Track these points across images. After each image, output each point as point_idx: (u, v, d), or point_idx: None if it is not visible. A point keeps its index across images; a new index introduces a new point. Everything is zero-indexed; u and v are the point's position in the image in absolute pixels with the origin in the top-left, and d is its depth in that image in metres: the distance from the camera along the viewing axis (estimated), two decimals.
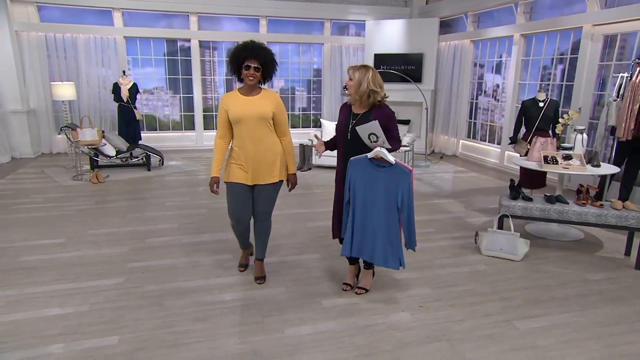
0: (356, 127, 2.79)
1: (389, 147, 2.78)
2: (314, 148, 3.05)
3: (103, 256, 3.73)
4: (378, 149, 2.76)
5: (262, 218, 3.19)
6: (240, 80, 3.02)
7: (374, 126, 2.72)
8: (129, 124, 7.64)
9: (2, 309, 2.86)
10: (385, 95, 2.91)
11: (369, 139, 2.76)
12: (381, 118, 2.83)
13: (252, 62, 2.90)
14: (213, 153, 3.13)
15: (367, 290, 3.17)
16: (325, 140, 3.21)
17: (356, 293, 3.16)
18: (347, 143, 2.93)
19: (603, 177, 4.79)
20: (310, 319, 2.83)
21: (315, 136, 3.28)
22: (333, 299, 3.09)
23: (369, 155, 2.80)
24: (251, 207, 3.15)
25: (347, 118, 2.95)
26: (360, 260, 3.23)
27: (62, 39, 8.17)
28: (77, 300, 2.99)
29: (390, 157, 2.78)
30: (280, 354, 2.48)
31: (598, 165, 4.22)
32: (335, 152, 3.16)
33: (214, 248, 3.94)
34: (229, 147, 3.14)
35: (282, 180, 3.18)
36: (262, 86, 3.10)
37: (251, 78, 2.93)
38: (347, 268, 3.32)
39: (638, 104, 4.24)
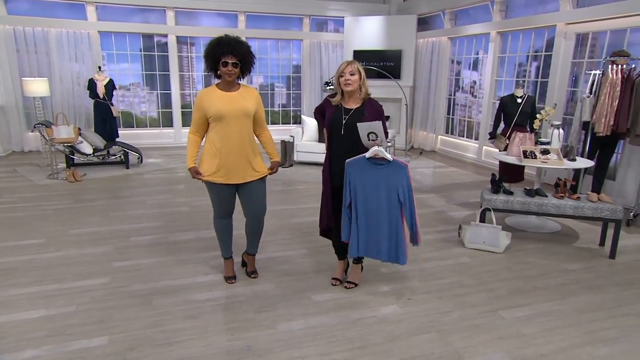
0: (357, 124, 2.80)
1: (387, 145, 2.81)
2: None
3: (86, 256, 3.65)
4: (376, 147, 2.78)
5: (257, 218, 3.18)
6: (218, 77, 2.94)
7: (376, 126, 2.74)
8: (106, 121, 7.45)
9: None
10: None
11: (368, 137, 2.78)
12: (374, 113, 2.88)
13: (229, 58, 2.82)
14: (187, 145, 3.03)
15: (356, 285, 3.21)
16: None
17: (345, 287, 3.19)
18: (340, 138, 2.94)
19: (577, 171, 4.97)
20: (301, 314, 2.85)
21: None
22: (323, 293, 3.11)
23: (367, 154, 2.82)
24: (235, 199, 3.13)
25: (337, 114, 2.96)
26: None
27: (33, 33, 7.89)
28: (63, 301, 2.92)
29: (388, 155, 2.81)
30: (273, 349, 2.49)
31: (574, 160, 4.38)
32: (315, 149, 3.18)
33: (200, 246, 3.91)
34: (202, 144, 3.06)
35: (266, 176, 3.16)
36: (240, 82, 3.03)
37: (230, 75, 2.86)
38: (336, 263, 3.35)
39: (617, 100, 4.40)
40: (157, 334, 2.60)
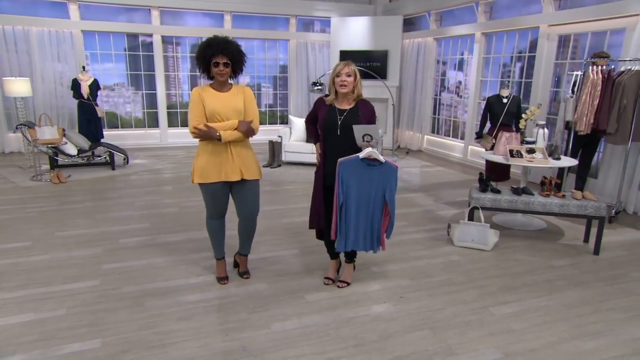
0: (353, 126, 2.82)
1: (381, 149, 2.84)
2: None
3: (74, 258, 3.59)
4: (370, 149, 2.81)
5: (250, 218, 3.18)
6: (210, 78, 2.96)
7: (372, 128, 2.76)
8: (90, 122, 7.34)
9: None
10: None
11: (363, 138, 2.81)
12: (368, 113, 2.91)
13: (220, 59, 2.84)
14: (201, 134, 2.87)
15: (348, 284, 3.23)
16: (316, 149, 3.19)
17: (338, 287, 3.21)
18: (336, 139, 2.95)
19: (561, 169, 5.08)
20: (295, 313, 2.86)
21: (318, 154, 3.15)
22: (316, 293, 3.13)
23: (361, 155, 2.84)
24: (228, 200, 3.13)
25: (331, 114, 2.97)
26: (342, 254, 3.29)
27: (13, 32, 7.72)
28: (52, 305, 2.87)
29: (380, 157, 2.85)
30: (268, 349, 2.49)
31: (558, 158, 4.47)
32: (302, 149, 3.22)
33: (190, 247, 3.88)
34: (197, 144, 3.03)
35: (259, 180, 3.16)
36: (232, 82, 3.04)
37: (222, 75, 2.88)
38: (328, 262, 3.36)
39: (597, 100, 4.52)
40: (150, 335, 2.58)
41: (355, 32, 9.14)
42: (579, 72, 4.93)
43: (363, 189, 2.92)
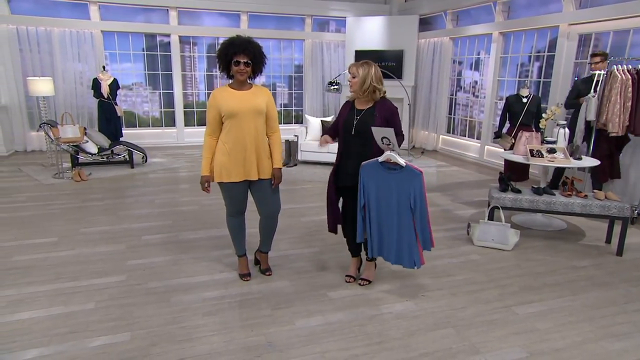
0: (372, 128, 2.82)
1: (399, 151, 2.82)
2: (319, 142, 3.03)
3: (100, 254, 3.67)
4: (389, 152, 2.81)
5: (271, 216, 3.21)
6: (230, 76, 3.01)
7: (388, 132, 2.76)
8: (110, 121, 7.47)
9: (5, 309, 2.79)
10: (384, 90, 2.99)
11: (382, 141, 2.81)
12: (385, 113, 2.92)
13: (241, 58, 2.88)
14: (203, 151, 3.05)
15: (370, 282, 3.25)
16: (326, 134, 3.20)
17: (359, 284, 3.23)
18: (350, 138, 2.98)
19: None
20: (318, 310, 2.89)
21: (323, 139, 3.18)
22: (338, 290, 3.15)
23: (380, 159, 2.85)
24: (247, 198, 3.16)
25: (350, 114, 3.00)
26: (363, 253, 3.31)
27: (36, 33, 7.88)
28: (81, 299, 2.94)
29: (401, 160, 2.82)
30: (293, 344, 2.52)
31: (580, 158, 4.43)
32: (319, 148, 3.24)
33: (211, 244, 3.93)
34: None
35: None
36: (251, 82, 3.08)
37: (242, 74, 2.92)
38: (349, 260, 3.39)
39: (631, 101, 4.44)
40: (177, 330, 2.63)
41: (371, 32, 9.14)
42: (602, 72, 4.87)
43: (382, 194, 2.90)
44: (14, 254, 3.64)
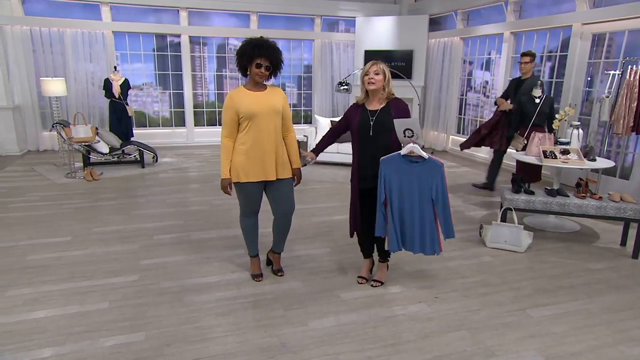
0: (394, 120, 2.82)
1: (422, 143, 2.84)
2: (306, 158, 3.06)
3: (113, 254, 3.69)
4: (411, 144, 2.81)
5: (286, 216, 3.21)
6: (245, 75, 3.00)
7: (412, 122, 2.76)
8: (121, 121, 7.52)
9: (21, 308, 2.82)
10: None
11: (404, 133, 2.80)
12: (401, 112, 2.91)
13: (263, 61, 2.89)
14: (221, 154, 3.04)
15: (382, 283, 3.24)
16: (312, 148, 3.29)
17: (372, 286, 3.22)
18: (368, 140, 2.97)
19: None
20: (331, 311, 2.88)
21: (306, 155, 3.25)
22: (350, 291, 3.14)
23: (402, 152, 2.84)
24: (262, 198, 3.16)
25: (364, 117, 2.99)
26: (375, 254, 3.29)
27: (48, 33, 7.96)
28: (96, 298, 2.96)
29: (423, 152, 2.83)
30: (307, 345, 2.52)
31: (594, 160, 4.38)
32: (328, 148, 3.33)
33: (223, 244, 3.94)
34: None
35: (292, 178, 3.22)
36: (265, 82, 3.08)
37: (261, 76, 2.93)
38: (361, 261, 3.38)
39: (636, 102, 4.41)
40: (191, 330, 2.64)
41: (380, 32, 9.11)
42: (617, 72, 4.82)
43: (405, 187, 2.90)
44: (29, 253, 3.67)
